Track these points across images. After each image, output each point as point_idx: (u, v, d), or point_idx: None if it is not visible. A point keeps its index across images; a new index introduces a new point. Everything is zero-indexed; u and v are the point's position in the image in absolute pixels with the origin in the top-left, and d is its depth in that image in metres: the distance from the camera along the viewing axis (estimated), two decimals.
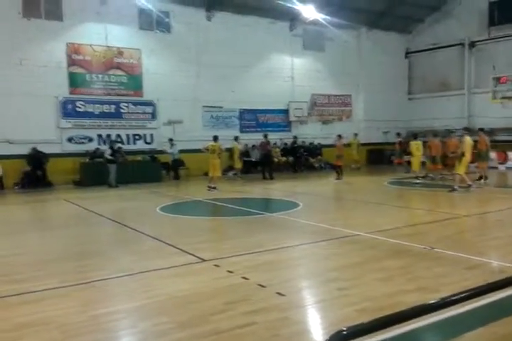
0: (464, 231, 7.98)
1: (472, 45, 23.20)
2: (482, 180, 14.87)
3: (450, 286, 4.63)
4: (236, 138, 18.78)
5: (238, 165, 18.72)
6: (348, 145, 20.49)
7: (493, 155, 20.65)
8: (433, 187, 14.83)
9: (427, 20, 24.92)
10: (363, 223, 8.75)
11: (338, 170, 17.17)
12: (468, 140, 12.79)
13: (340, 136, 17.84)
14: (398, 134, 20.70)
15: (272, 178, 17.84)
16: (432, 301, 2.43)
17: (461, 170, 12.80)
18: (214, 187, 14.39)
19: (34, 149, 16.08)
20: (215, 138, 14.91)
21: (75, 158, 16.83)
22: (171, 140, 18.63)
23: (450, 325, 3.82)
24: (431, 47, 24.84)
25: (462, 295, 2.50)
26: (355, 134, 22.16)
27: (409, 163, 16.37)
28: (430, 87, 25.05)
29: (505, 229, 8.10)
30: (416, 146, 15.64)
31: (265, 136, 18.90)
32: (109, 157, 15.92)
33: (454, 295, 2.46)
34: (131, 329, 4.11)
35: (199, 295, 4.80)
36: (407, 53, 26.14)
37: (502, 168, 20.24)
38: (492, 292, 2.77)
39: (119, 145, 17.94)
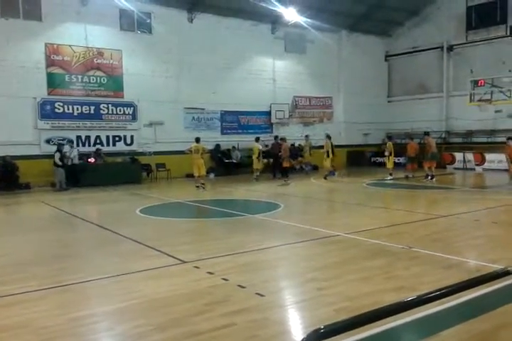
0: (441, 231, 8.08)
1: (450, 48, 23.60)
2: (433, 179, 16.18)
3: (428, 285, 4.68)
4: (257, 139, 18.95)
5: (257, 165, 18.66)
6: (297, 147, 21.22)
7: (470, 156, 21.10)
8: (412, 188, 15.02)
9: (407, 24, 25.26)
10: (343, 224, 8.82)
11: (285, 172, 17.55)
12: None
13: (283, 139, 18.62)
14: (328, 137, 20.50)
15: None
16: (409, 298, 2.46)
17: None
18: (203, 184, 15.23)
19: (4, 158, 15.69)
20: (197, 140, 15.72)
21: (53, 160, 16.52)
22: (69, 141, 17.12)
23: (428, 322, 3.85)
24: (410, 50, 25.19)
25: (439, 293, 2.54)
26: (307, 136, 21.52)
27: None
28: (409, 89, 25.37)
29: (482, 229, 8.25)
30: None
31: (275, 138, 19.62)
32: (59, 162, 15.46)
33: (431, 292, 2.49)
34: (109, 331, 4.06)
35: (178, 297, 4.77)
36: (387, 56, 26.45)
37: (479, 169, 20.58)
38: (468, 289, 2.81)
39: (99, 146, 17.78)
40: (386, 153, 17.54)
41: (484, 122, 21.78)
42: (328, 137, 18.59)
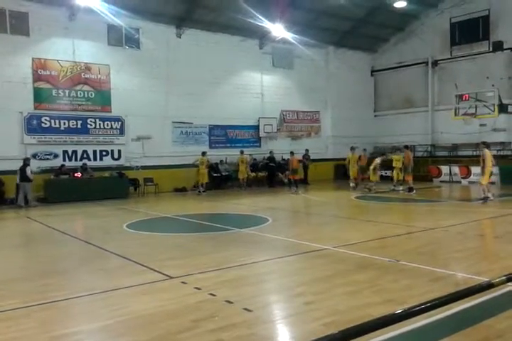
0: (428, 243, 8.11)
1: (435, 63, 24.03)
2: (413, 192, 16.52)
3: (416, 298, 4.68)
4: (352, 148, 19.26)
5: (355, 174, 19.00)
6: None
7: (456, 170, 21.32)
8: (399, 201, 15.11)
9: (392, 39, 25.72)
10: (331, 237, 8.82)
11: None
12: (488, 152, 13.76)
13: (292, 153, 19.38)
14: (293, 154, 20.01)
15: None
16: (397, 312, 2.46)
17: (485, 180, 13.62)
18: (204, 191, 18.32)
19: None
20: (203, 154, 18.83)
21: (39, 175, 16.37)
22: None
23: (415, 335, 3.86)
24: (396, 65, 25.60)
25: (425, 306, 2.54)
26: (352, 148, 19.82)
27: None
28: (395, 104, 25.73)
29: (468, 242, 8.29)
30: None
31: (306, 151, 22.00)
32: (31, 176, 15.20)
33: (417, 305, 2.49)
34: None
35: (165, 314, 4.70)
36: (373, 71, 26.84)
37: (465, 182, 20.79)
38: (455, 302, 2.82)
39: (86, 161, 17.68)
40: (399, 166, 17.78)
41: (469, 136, 22.08)
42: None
